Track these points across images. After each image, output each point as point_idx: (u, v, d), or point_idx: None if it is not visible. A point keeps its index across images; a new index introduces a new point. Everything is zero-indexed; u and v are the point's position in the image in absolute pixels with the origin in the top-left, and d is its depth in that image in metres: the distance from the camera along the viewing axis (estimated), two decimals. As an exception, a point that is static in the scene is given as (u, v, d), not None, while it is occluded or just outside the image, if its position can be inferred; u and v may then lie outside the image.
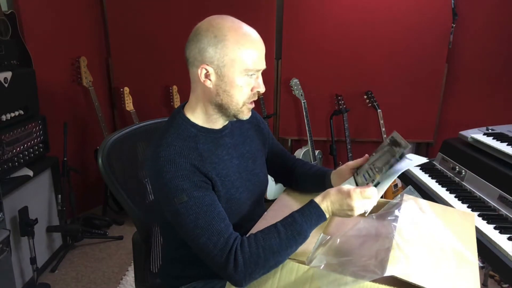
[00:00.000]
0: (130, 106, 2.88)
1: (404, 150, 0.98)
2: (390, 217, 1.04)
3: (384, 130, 2.88)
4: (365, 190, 0.96)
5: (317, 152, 2.99)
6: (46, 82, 2.50)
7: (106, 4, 2.88)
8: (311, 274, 0.91)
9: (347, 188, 0.97)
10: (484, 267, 2.11)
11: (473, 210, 1.49)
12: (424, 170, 1.92)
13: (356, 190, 0.96)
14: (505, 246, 1.27)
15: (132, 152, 1.42)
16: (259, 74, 1.05)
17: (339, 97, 2.92)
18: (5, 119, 1.97)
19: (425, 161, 1.05)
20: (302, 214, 0.97)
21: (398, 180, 2.82)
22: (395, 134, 1.03)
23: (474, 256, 0.98)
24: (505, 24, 2.81)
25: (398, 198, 1.14)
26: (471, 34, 2.86)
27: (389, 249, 0.90)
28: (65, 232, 2.49)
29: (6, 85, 1.98)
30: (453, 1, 2.75)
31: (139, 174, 1.42)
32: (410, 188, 1.81)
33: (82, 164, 2.91)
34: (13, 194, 1.98)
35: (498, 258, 1.25)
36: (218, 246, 0.94)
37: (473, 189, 1.66)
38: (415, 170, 1.93)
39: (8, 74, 1.98)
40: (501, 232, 1.35)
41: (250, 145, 1.22)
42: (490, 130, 1.89)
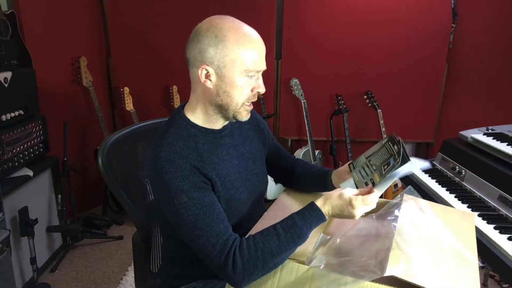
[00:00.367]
0: (130, 106, 2.88)
1: (402, 150, 0.97)
2: (390, 217, 1.04)
3: (384, 130, 2.88)
4: (366, 198, 0.95)
5: (317, 152, 2.99)
6: (46, 82, 2.50)
7: (106, 4, 2.88)
8: (311, 274, 0.91)
9: (349, 195, 0.97)
10: (484, 267, 2.11)
11: (473, 210, 1.50)
12: (424, 170, 1.92)
13: (358, 198, 0.95)
14: (505, 246, 1.27)
15: (132, 152, 1.42)
16: (259, 74, 1.05)
17: (339, 97, 2.92)
18: (5, 119, 1.97)
19: (427, 166, 1.04)
20: (303, 217, 0.96)
21: (398, 180, 2.82)
22: (393, 135, 1.03)
23: (474, 256, 0.98)
24: (505, 24, 2.81)
25: (398, 198, 1.14)
26: (471, 34, 2.86)
27: (389, 249, 0.90)
28: (65, 232, 2.49)
29: (6, 85, 1.98)
30: (453, 1, 2.75)
31: (139, 174, 1.42)
32: (410, 188, 1.81)
33: (82, 164, 2.91)
34: (13, 194, 1.98)
35: (498, 258, 1.25)
36: (217, 247, 0.94)
37: (473, 189, 1.66)
38: (415, 170, 1.93)
39: (8, 74, 1.98)
40: (501, 232, 1.35)
41: (250, 145, 1.22)
42: (490, 130, 1.89)
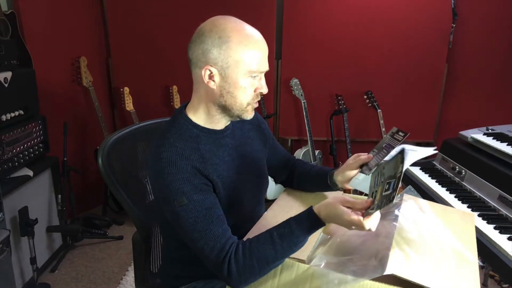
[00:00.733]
0: (130, 106, 2.88)
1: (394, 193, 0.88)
2: (390, 216, 1.04)
3: (384, 130, 2.88)
4: (367, 221, 0.88)
5: (317, 152, 2.98)
6: (46, 82, 2.50)
7: (106, 4, 2.88)
8: (311, 273, 0.91)
9: (351, 216, 0.88)
10: (484, 267, 2.11)
11: (473, 210, 1.50)
12: (424, 170, 1.92)
13: (360, 224, 0.88)
14: (505, 246, 1.27)
15: (132, 152, 1.42)
16: (262, 75, 1.05)
17: (339, 97, 2.92)
18: (5, 119, 1.97)
19: (431, 151, 1.04)
20: (300, 225, 0.94)
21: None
22: (404, 152, 0.92)
23: (474, 256, 0.98)
24: (505, 24, 2.81)
25: (398, 198, 1.14)
26: (471, 34, 2.86)
27: (389, 248, 0.91)
28: (65, 232, 2.49)
29: (6, 85, 1.97)
30: (453, 1, 2.75)
31: (139, 174, 1.42)
32: (410, 188, 1.80)
33: (82, 164, 2.91)
34: (13, 194, 1.98)
35: (498, 258, 1.25)
36: (215, 251, 0.95)
37: (473, 189, 1.66)
38: (415, 170, 1.93)
39: (8, 74, 1.98)
40: (501, 232, 1.35)
41: (251, 145, 1.22)
42: (490, 130, 1.89)
